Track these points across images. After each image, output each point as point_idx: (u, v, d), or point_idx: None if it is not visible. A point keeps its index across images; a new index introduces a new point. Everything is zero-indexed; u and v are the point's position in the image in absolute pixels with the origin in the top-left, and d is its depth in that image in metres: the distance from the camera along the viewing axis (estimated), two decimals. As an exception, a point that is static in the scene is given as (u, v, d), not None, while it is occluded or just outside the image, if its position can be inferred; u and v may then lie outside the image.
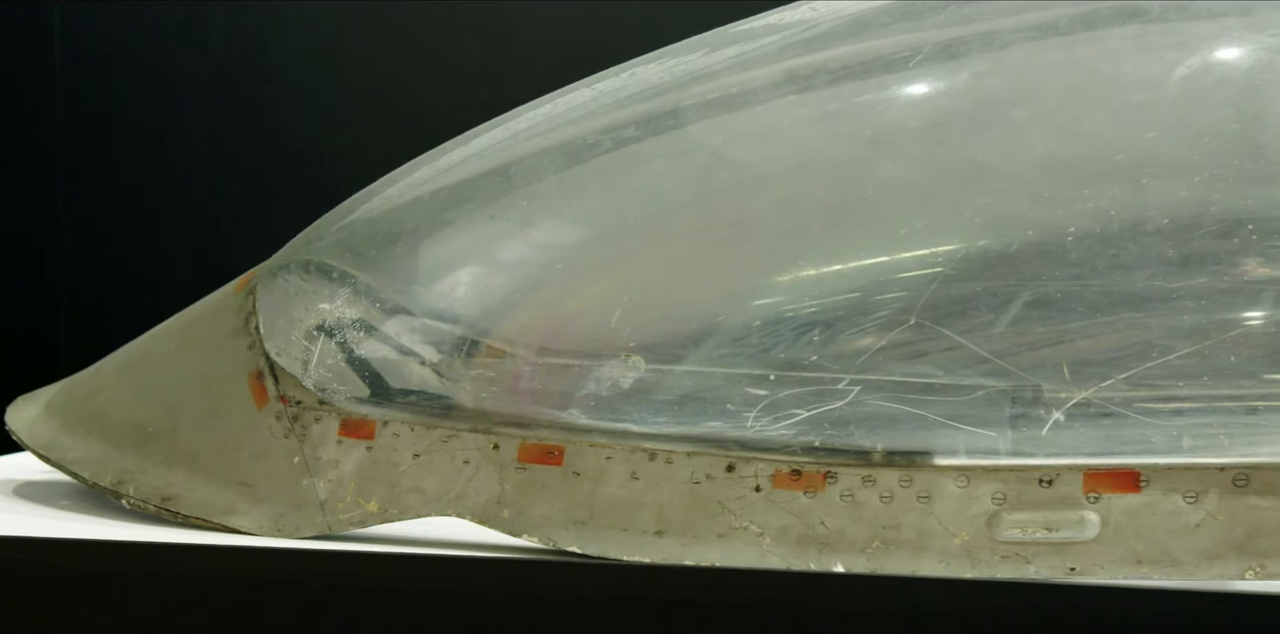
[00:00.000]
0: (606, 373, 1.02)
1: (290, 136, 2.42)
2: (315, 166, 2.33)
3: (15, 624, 1.03)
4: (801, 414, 0.97)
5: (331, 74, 2.41)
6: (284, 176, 2.40)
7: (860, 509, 0.95)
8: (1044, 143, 1.00)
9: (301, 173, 2.36)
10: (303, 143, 2.41)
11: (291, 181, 2.36)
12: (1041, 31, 1.04)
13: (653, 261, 1.07)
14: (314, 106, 2.42)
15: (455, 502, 1.04)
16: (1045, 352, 0.96)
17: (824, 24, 1.13)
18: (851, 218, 1.03)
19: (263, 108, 2.44)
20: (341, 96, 2.39)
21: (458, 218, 1.12)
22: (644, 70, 1.18)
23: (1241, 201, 0.94)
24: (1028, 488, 0.93)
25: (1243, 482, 0.90)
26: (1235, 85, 0.97)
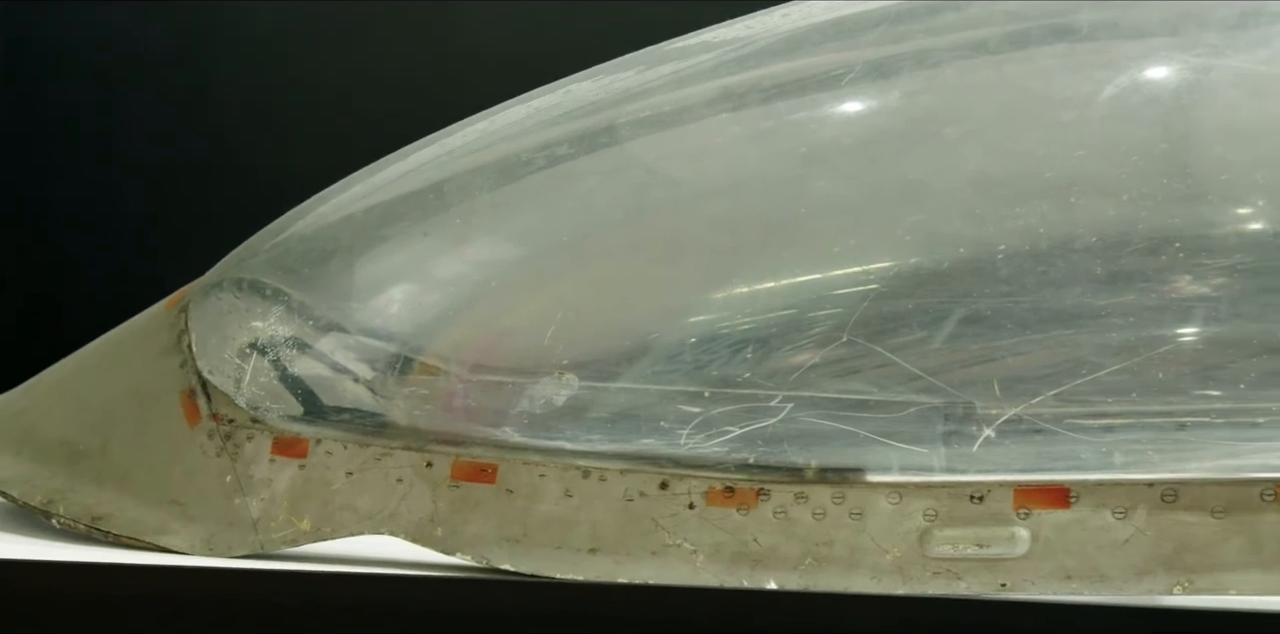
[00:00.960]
0: (540, 390, 1.02)
1: (224, 153, 2.40)
2: (249, 183, 2.32)
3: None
4: (735, 431, 0.97)
5: (266, 88, 2.39)
6: (218, 193, 2.38)
7: (793, 526, 0.96)
8: (975, 161, 1.01)
9: (235, 189, 2.34)
10: (236, 159, 2.39)
11: (225, 198, 2.35)
12: (972, 50, 1.05)
13: (587, 279, 1.07)
14: (249, 122, 2.40)
15: (388, 520, 1.03)
16: (977, 369, 0.96)
17: (758, 42, 1.13)
18: (785, 235, 1.03)
19: (197, 124, 2.42)
20: (276, 111, 2.38)
21: (392, 235, 1.12)
22: (579, 87, 1.18)
23: (1169, 220, 0.94)
24: (959, 504, 0.93)
25: (1171, 497, 0.90)
26: (1163, 104, 0.98)
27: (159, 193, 2.45)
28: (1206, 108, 0.98)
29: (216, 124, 2.42)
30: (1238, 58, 0.98)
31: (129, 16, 2.45)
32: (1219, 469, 0.92)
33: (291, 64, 2.39)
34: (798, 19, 1.15)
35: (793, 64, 1.09)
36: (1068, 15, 1.04)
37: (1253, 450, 0.92)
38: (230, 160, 2.40)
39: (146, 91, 2.45)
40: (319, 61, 2.37)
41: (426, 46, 2.30)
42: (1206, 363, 0.94)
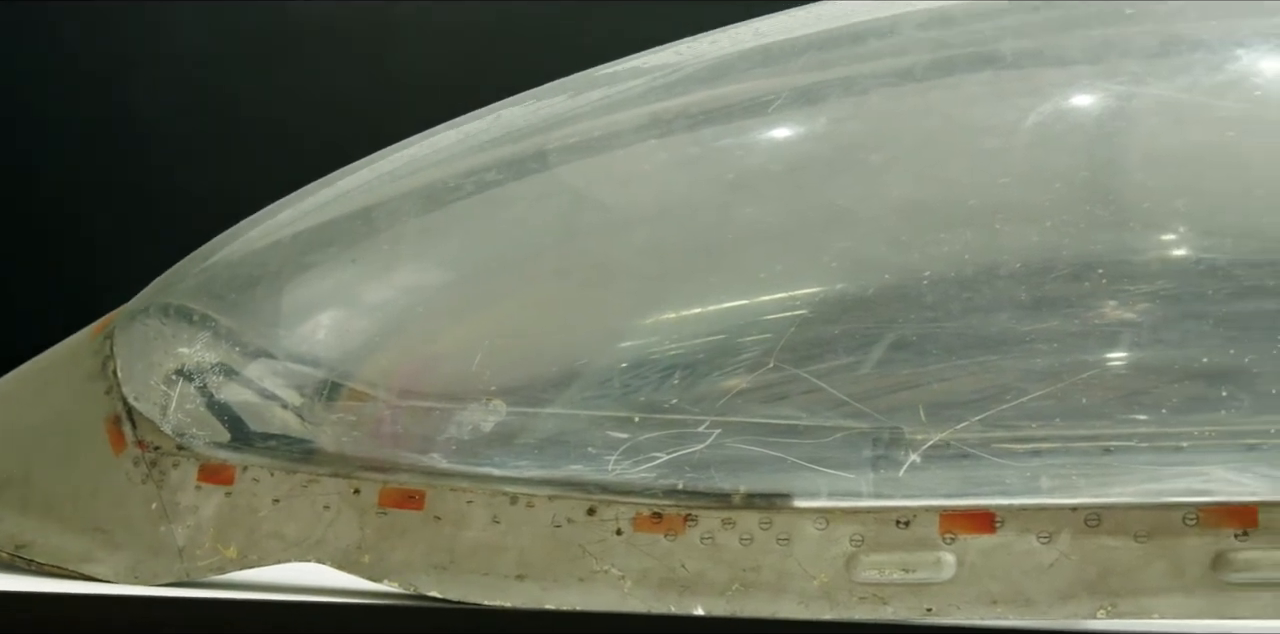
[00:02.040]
0: (468, 416, 1.02)
1: (151, 178, 2.39)
2: (176, 208, 2.30)
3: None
4: (662, 457, 0.97)
5: (194, 111, 2.38)
6: (144, 219, 2.36)
7: (720, 552, 0.96)
8: (900, 187, 1.02)
9: (162, 215, 2.33)
10: (163, 184, 2.37)
11: (152, 224, 2.33)
12: (898, 77, 1.05)
13: (514, 305, 1.07)
14: (175, 146, 2.39)
15: (315, 547, 1.03)
16: (903, 394, 0.96)
17: (686, 68, 1.14)
18: (712, 261, 1.03)
19: (123, 147, 2.41)
20: (204, 135, 2.37)
21: (319, 261, 1.12)
22: (509, 113, 1.18)
23: (1091, 246, 0.95)
24: (885, 529, 0.94)
25: (1094, 522, 0.91)
26: (1086, 132, 0.99)
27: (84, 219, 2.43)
28: (1128, 135, 0.99)
29: (145, 148, 2.40)
30: (1159, 85, 0.99)
31: (53, 37, 2.43)
32: (1142, 493, 0.92)
33: (220, 87, 2.38)
34: (726, 45, 1.16)
35: (720, 91, 1.09)
36: (992, 43, 1.05)
37: (1175, 475, 0.93)
38: (157, 186, 2.38)
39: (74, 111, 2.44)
40: (248, 85, 2.36)
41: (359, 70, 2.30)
42: (1130, 388, 0.95)
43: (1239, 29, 1.00)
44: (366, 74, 2.29)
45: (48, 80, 2.45)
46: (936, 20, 1.09)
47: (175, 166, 2.37)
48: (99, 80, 2.43)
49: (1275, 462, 0.93)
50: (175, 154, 2.38)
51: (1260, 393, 0.93)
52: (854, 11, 1.14)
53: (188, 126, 2.37)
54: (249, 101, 2.34)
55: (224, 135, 2.35)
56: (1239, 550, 0.90)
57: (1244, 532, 0.90)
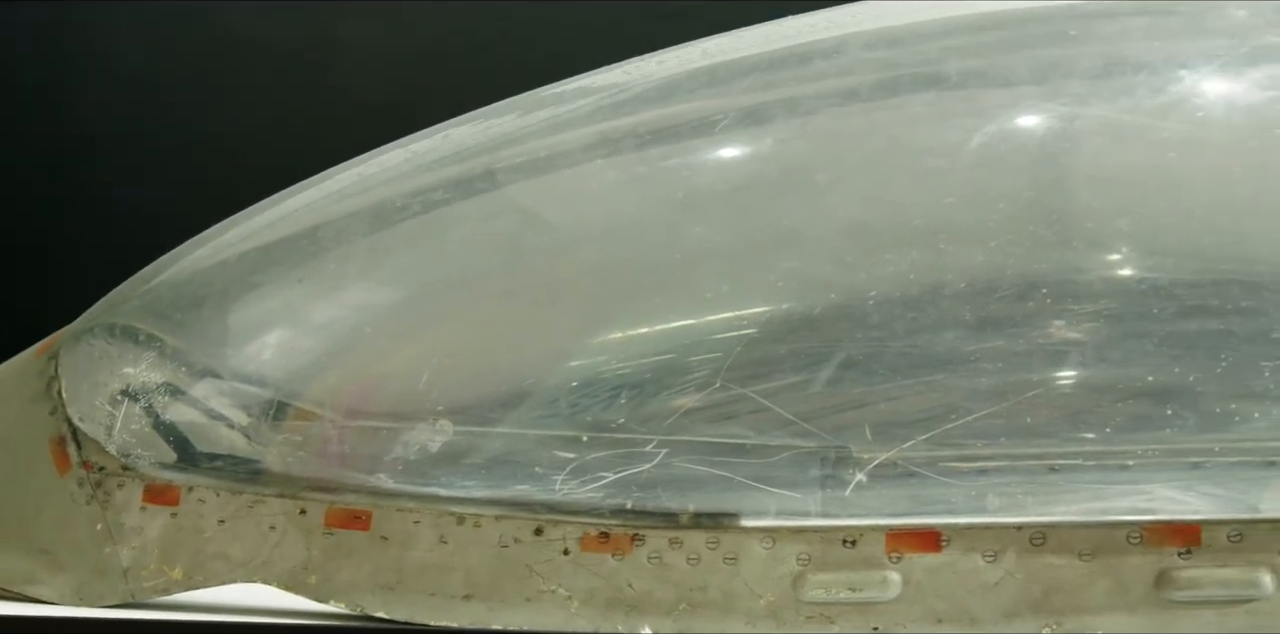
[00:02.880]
0: (415, 436, 1.01)
1: (96, 198, 2.37)
2: (121, 228, 2.29)
3: None
4: (609, 477, 0.97)
5: (140, 131, 2.37)
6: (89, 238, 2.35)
7: (668, 571, 0.96)
8: (846, 207, 1.02)
9: (107, 234, 2.31)
10: (109, 204, 2.36)
11: (97, 243, 2.32)
12: (844, 98, 1.06)
13: (462, 324, 1.07)
14: (121, 166, 2.38)
15: (261, 568, 1.02)
16: (850, 414, 0.97)
17: (634, 88, 1.14)
18: (659, 281, 1.03)
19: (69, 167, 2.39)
20: (150, 155, 2.36)
21: (265, 281, 1.11)
22: (457, 132, 1.18)
23: (1036, 266, 0.96)
24: (832, 549, 0.94)
25: (1039, 541, 0.91)
26: (1030, 153, 1.00)
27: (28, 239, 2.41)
28: (1072, 156, 0.99)
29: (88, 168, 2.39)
30: (1102, 106, 1.00)
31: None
32: (1086, 512, 0.93)
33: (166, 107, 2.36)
34: (674, 65, 1.16)
35: (668, 110, 1.10)
36: (937, 64, 1.06)
37: (1120, 494, 0.94)
38: (103, 206, 2.37)
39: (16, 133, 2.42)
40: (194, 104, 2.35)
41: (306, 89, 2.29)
42: (1076, 407, 0.95)
43: (1182, 51, 1.01)
44: (313, 93, 2.28)
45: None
46: (882, 41, 1.10)
47: (121, 186, 2.35)
48: (43, 100, 2.41)
49: (1219, 480, 0.93)
50: (121, 174, 2.36)
51: (1204, 412, 0.94)
52: (801, 32, 1.14)
53: (134, 146, 2.36)
54: (194, 121, 2.33)
55: (170, 155, 2.34)
56: (1182, 569, 0.90)
57: (1187, 550, 0.90)
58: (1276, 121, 0.98)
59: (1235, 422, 0.93)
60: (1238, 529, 0.90)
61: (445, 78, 2.16)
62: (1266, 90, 0.99)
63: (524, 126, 1.15)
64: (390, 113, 1.65)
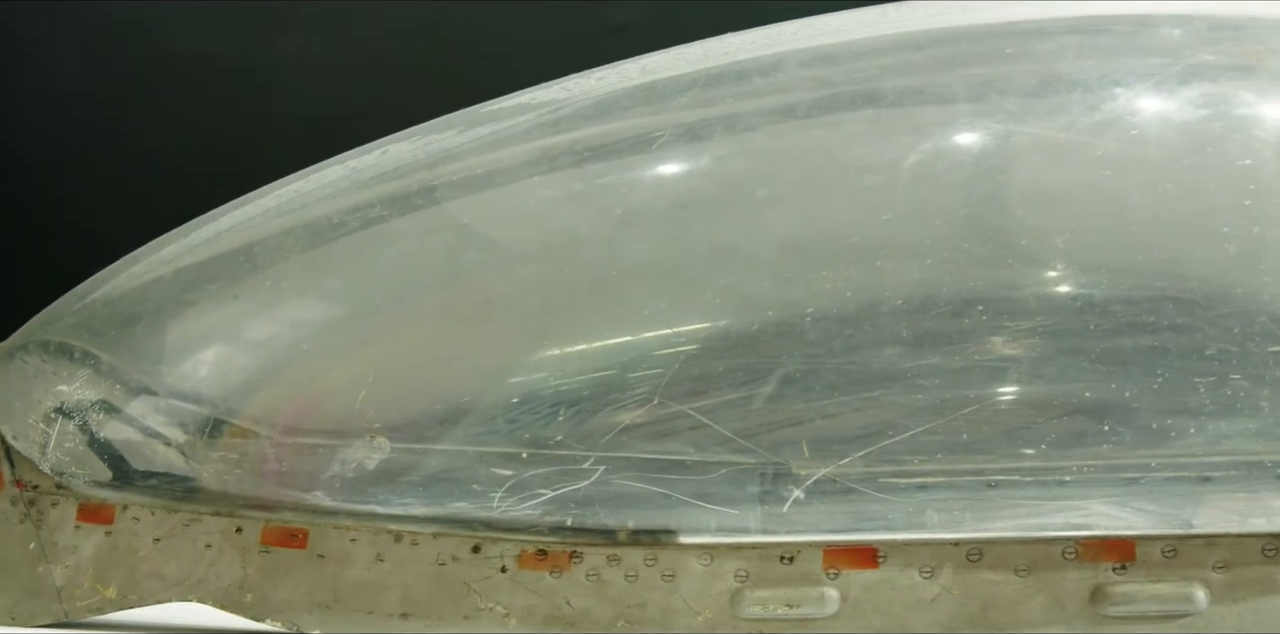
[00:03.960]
0: (351, 454, 1.01)
1: (31, 213, 2.35)
2: (55, 243, 2.27)
3: None
4: (547, 494, 0.97)
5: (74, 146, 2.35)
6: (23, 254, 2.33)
7: (606, 588, 0.96)
8: (784, 224, 1.02)
9: (41, 250, 2.30)
10: (43, 220, 2.34)
11: (31, 259, 2.30)
12: (781, 115, 1.06)
13: (399, 341, 1.07)
14: (55, 181, 2.36)
15: (197, 586, 1.02)
16: (788, 430, 0.97)
17: (573, 104, 1.14)
18: (597, 297, 1.03)
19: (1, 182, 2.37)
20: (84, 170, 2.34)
21: (201, 298, 1.11)
22: (396, 148, 1.18)
23: (972, 282, 0.96)
24: (769, 565, 0.94)
25: (976, 556, 0.92)
26: (966, 170, 1.00)
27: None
28: (1008, 173, 1.00)
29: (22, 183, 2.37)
30: (1037, 124, 1.00)
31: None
32: (1023, 528, 0.93)
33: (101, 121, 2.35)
34: (613, 82, 1.16)
35: (605, 127, 1.10)
36: (874, 81, 1.06)
37: (1056, 509, 0.94)
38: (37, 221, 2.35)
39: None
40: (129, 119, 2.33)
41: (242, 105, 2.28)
42: (1012, 423, 0.96)
43: (1116, 69, 1.02)
44: (251, 108, 2.27)
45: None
46: (819, 58, 1.10)
47: (56, 202, 2.33)
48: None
49: (1154, 495, 0.94)
50: (55, 190, 2.34)
51: (1140, 427, 0.94)
52: (739, 49, 1.15)
53: (67, 161, 2.34)
54: (130, 136, 2.32)
55: (104, 170, 2.32)
56: (1117, 584, 0.91)
57: (1122, 565, 0.91)
58: (1210, 140, 0.98)
59: (1171, 437, 0.94)
60: (1172, 545, 0.91)
61: (385, 93, 2.16)
62: (1200, 109, 0.99)
63: (463, 143, 1.15)
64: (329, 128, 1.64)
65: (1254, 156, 0.97)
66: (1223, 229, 0.96)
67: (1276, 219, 0.96)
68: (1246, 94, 1.00)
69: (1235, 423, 0.94)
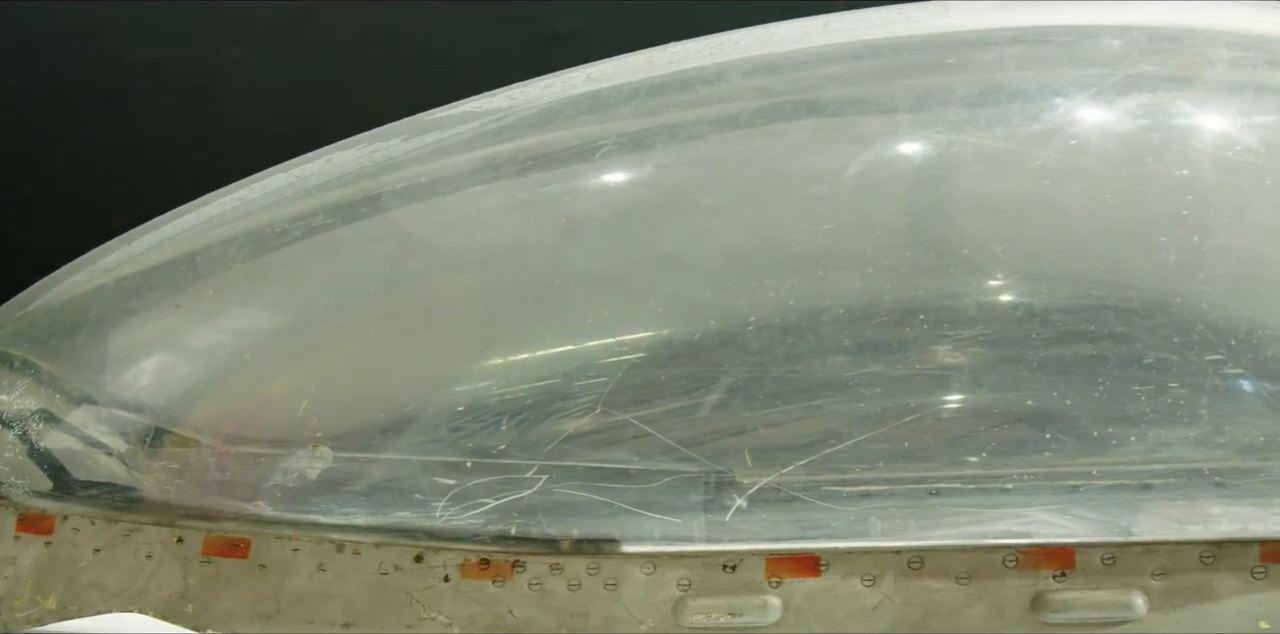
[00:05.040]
0: (294, 463, 1.01)
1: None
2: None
3: None
4: (490, 503, 0.97)
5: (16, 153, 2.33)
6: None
7: (548, 597, 0.95)
8: (726, 233, 1.02)
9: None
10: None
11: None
12: (724, 124, 1.06)
13: (342, 350, 1.06)
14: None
15: (137, 597, 1.01)
16: (731, 439, 0.97)
17: (517, 113, 1.14)
18: (540, 306, 1.03)
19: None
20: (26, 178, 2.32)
21: (143, 307, 1.10)
22: (341, 156, 1.18)
23: (913, 291, 0.97)
24: (712, 574, 0.94)
25: (917, 564, 0.92)
26: (907, 180, 1.00)
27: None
28: (949, 183, 1.00)
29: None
30: (978, 134, 1.01)
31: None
32: (965, 536, 0.94)
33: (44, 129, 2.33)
34: (558, 91, 1.16)
35: (548, 136, 1.10)
36: (816, 91, 1.06)
37: (997, 517, 0.95)
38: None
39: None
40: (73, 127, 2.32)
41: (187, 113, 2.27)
42: (954, 432, 0.96)
43: (1056, 79, 1.03)
44: (196, 116, 2.26)
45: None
46: (762, 68, 1.10)
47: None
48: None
49: (1094, 503, 0.95)
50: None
51: (1081, 436, 0.95)
52: (683, 58, 1.15)
53: (8, 168, 2.32)
54: (72, 143, 2.30)
55: (46, 178, 2.31)
56: (1057, 591, 0.92)
57: (1062, 573, 0.92)
58: (1148, 150, 0.99)
59: (1112, 445, 0.95)
60: (1111, 552, 0.92)
61: (329, 101, 2.15)
62: (1139, 119, 1.00)
63: (407, 151, 1.14)
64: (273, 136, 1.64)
65: (1192, 167, 0.98)
66: (1161, 239, 0.96)
67: (1214, 229, 0.96)
68: (1184, 105, 1.00)
69: (1175, 431, 0.94)
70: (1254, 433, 0.94)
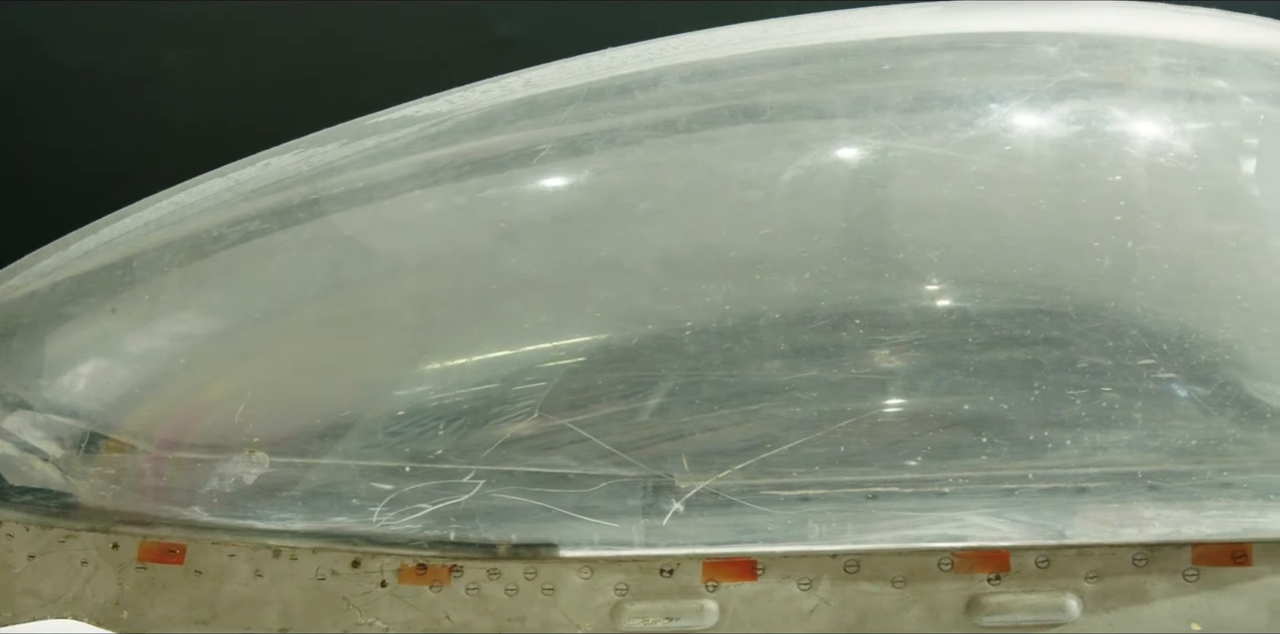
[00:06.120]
0: (230, 469, 1.00)
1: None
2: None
3: None
4: (428, 508, 0.97)
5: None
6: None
7: (486, 602, 0.96)
8: (663, 238, 1.03)
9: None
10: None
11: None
12: (662, 130, 1.06)
13: (279, 355, 1.06)
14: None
15: (72, 604, 1.01)
16: (668, 444, 0.97)
17: (456, 117, 1.14)
18: (478, 311, 1.03)
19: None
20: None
21: (79, 312, 1.09)
22: (278, 161, 1.17)
23: (849, 296, 0.97)
24: (649, 578, 0.94)
25: (854, 568, 0.92)
26: (843, 185, 1.01)
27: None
28: (884, 188, 1.01)
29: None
30: (913, 140, 1.01)
31: None
32: (901, 539, 0.94)
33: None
34: (497, 95, 1.16)
35: (486, 141, 1.09)
36: (753, 96, 1.07)
37: (932, 521, 0.95)
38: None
39: None
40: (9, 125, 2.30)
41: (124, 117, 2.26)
42: (891, 436, 0.97)
43: (991, 85, 1.03)
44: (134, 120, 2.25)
45: None
46: (700, 73, 1.11)
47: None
48: None
49: (1029, 506, 0.95)
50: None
51: (1017, 439, 0.96)
52: (622, 63, 1.15)
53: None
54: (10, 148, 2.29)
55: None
56: (992, 594, 0.92)
57: (996, 576, 0.92)
58: (1082, 156, 1.00)
59: (1048, 449, 0.95)
60: (1045, 555, 0.92)
61: (267, 105, 2.14)
62: (1072, 125, 1.01)
63: (345, 156, 1.14)
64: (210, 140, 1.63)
65: (1125, 172, 0.99)
66: (1095, 244, 0.97)
67: (1147, 235, 0.97)
68: (1118, 111, 1.01)
69: (1109, 435, 0.95)
70: (1186, 436, 0.95)
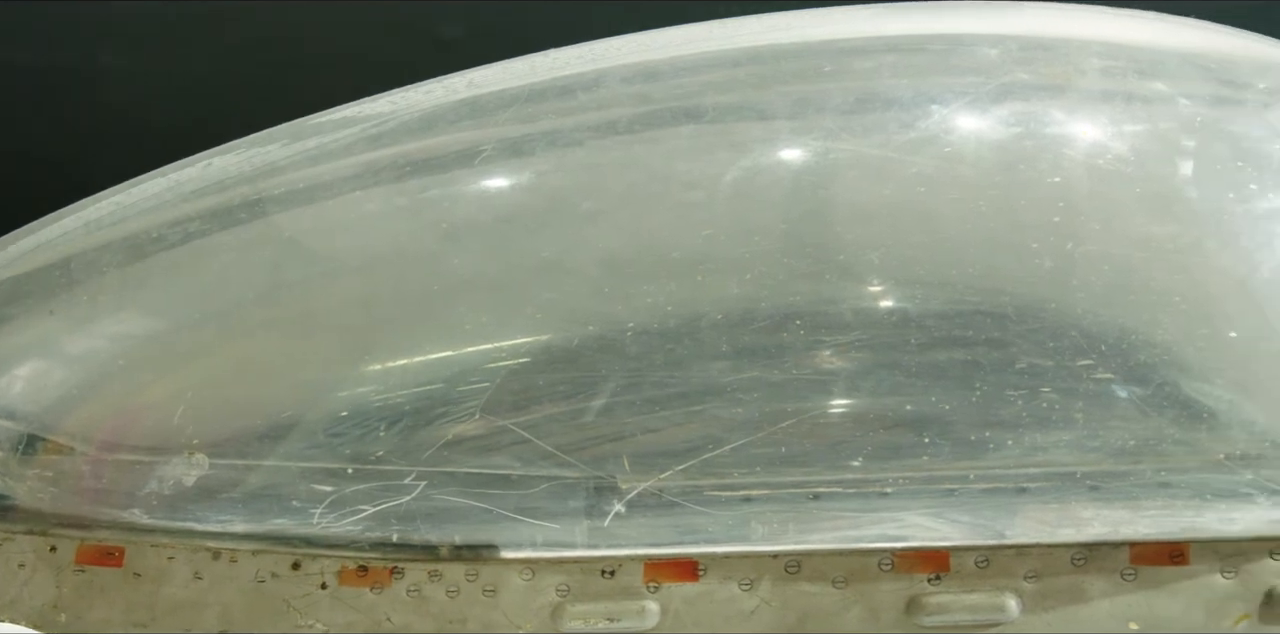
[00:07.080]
0: (169, 471, 1.00)
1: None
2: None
3: None
4: (368, 510, 0.97)
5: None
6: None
7: (427, 604, 0.95)
8: (605, 239, 1.03)
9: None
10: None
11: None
12: (603, 131, 1.07)
13: (219, 356, 1.05)
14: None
15: (9, 607, 1.00)
16: (610, 445, 0.97)
17: (398, 118, 1.14)
18: (420, 311, 1.03)
19: None
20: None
21: (16, 313, 1.09)
22: (219, 161, 1.17)
23: (790, 297, 0.97)
24: (591, 579, 0.94)
25: (794, 569, 0.93)
26: (785, 186, 1.01)
27: None
28: (825, 189, 1.01)
29: None
30: (854, 141, 1.02)
31: None
32: (841, 540, 0.94)
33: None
34: (439, 96, 1.16)
35: (428, 141, 1.09)
36: (694, 98, 1.07)
37: (873, 521, 0.95)
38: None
39: None
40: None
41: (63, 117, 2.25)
42: (833, 436, 0.97)
43: (931, 87, 1.04)
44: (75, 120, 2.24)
45: None
46: (641, 74, 1.11)
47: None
48: None
49: (969, 507, 0.96)
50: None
51: (958, 440, 0.96)
52: (564, 64, 1.15)
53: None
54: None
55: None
56: (931, 594, 0.93)
57: (936, 576, 0.93)
58: (1022, 157, 1.00)
59: (989, 449, 0.96)
60: (985, 555, 0.93)
61: (208, 105, 2.14)
62: (1012, 127, 1.02)
63: (286, 156, 1.14)
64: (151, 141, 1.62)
65: (1064, 174, 0.99)
66: (1034, 245, 0.98)
67: (1086, 236, 0.98)
68: (1057, 113, 1.02)
69: (1049, 435, 0.96)
70: (1125, 436, 0.95)
